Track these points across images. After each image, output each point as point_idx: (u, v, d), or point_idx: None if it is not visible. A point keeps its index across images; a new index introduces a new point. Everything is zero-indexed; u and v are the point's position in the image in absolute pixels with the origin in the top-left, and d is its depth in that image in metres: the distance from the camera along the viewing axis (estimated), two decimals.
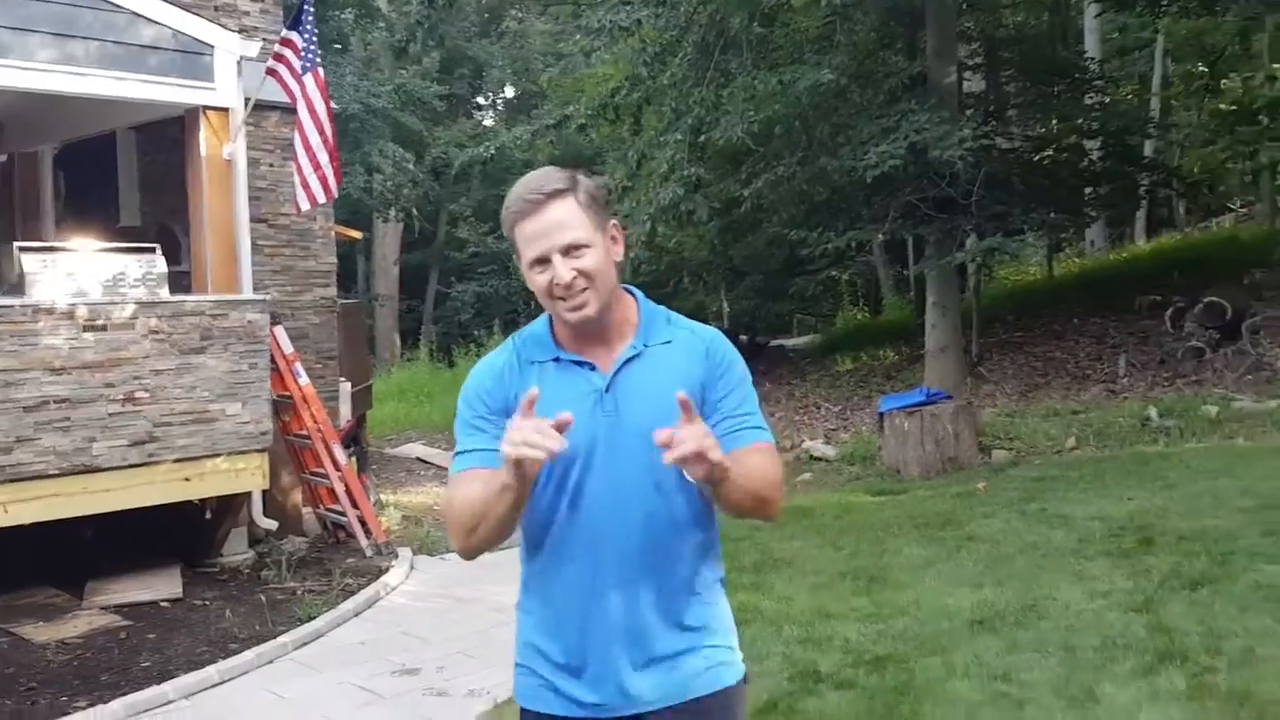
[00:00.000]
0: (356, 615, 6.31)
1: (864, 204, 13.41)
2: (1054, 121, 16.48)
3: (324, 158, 7.04)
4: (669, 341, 2.08)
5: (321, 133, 7.02)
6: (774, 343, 22.04)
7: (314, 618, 6.16)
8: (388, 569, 7.30)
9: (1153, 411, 10.05)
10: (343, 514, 8.02)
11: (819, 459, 10.83)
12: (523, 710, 2.11)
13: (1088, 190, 16.21)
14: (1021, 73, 16.27)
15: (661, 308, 2.15)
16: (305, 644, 5.79)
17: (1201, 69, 24.15)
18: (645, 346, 2.06)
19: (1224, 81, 24.35)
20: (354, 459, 9.08)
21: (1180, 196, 19.80)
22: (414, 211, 25.63)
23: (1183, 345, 12.64)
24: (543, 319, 2.12)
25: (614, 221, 2.08)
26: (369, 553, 7.79)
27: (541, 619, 2.08)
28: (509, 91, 34.64)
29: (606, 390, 2.02)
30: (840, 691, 4.48)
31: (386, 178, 22.22)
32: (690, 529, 2.03)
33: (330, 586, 6.88)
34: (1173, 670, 4.39)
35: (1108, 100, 17.36)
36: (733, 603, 2.18)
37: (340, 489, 7.96)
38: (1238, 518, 6.54)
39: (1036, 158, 15.72)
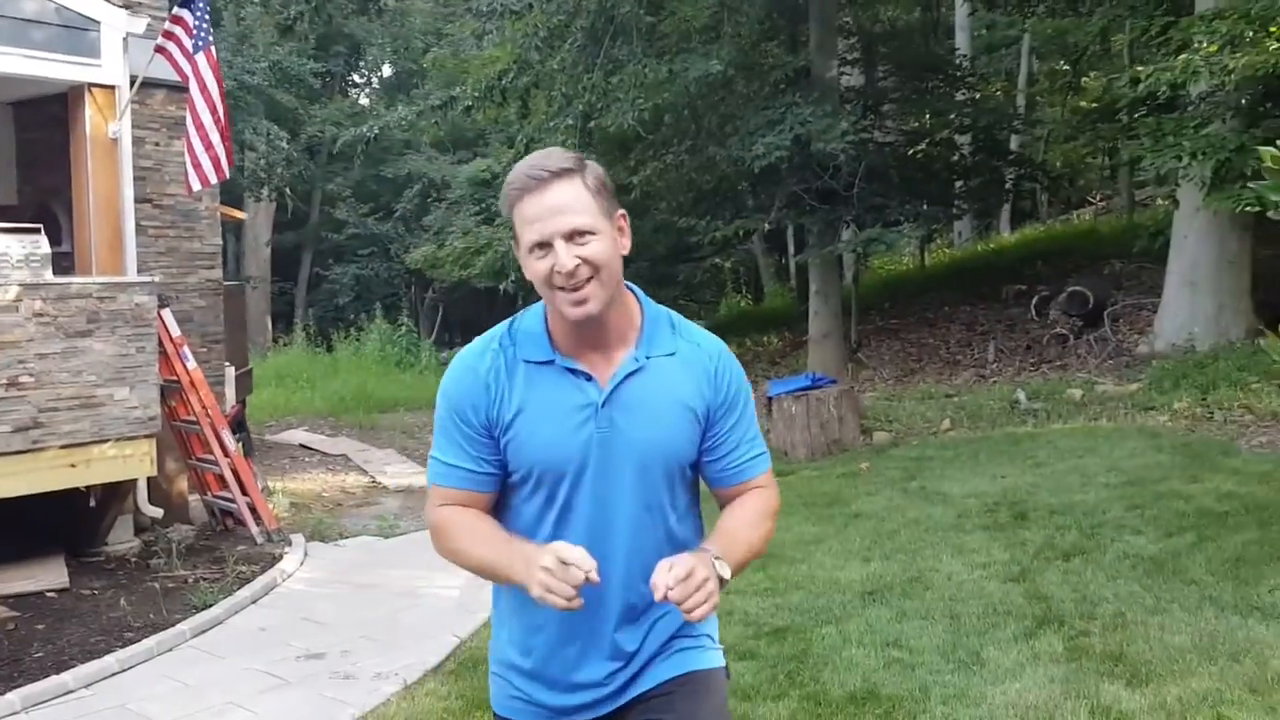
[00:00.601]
0: (254, 602, 6.23)
1: (750, 193, 13.74)
2: (927, 116, 17.07)
3: (216, 137, 6.90)
4: (672, 354, 1.95)
5: (214, 112, 6.87)
6: None
7: (210, 605, 6.06)
8: (281, 556, 7.21)
9: (1021, 394, 10.58)
10: (232, 501, 7.88)
11: None
12: (497, 716, 2.09)
13: (959, 183, 16.87)
14: (897, 68, 16.83)
15: (665, 310, 2.01)
16: (204, 631, 5.71)
17: (1065, 67, 25.28)
18: (647, 359, 1.93)
19: (1084, 80, 25.56)
20: (240, 445, 8.91)
21: (1044, 190, 20.72)
22: (287, 191, 25.03)
23: (1048, 332, 13.31)
24: (537, 312, 1.97)
25: (621, 211, 1.92)
26: (260, 540, 7.67)
27: (516, 628, 2.02)
28: (386, 70, 34.08)
29: (603, 405, 1.90)
30: (744, 662, 4.65)
31: (260, 156, 21.67)
32: (673, 548, 1.91)
33: (224, 574, 6.77)
34: (1051, 634, 4.71)
35: (978, 96, 18.09)
36: None
37: (229, 475, 7.81)
38: (1104, 493, 6.97)
39: (911, 151, 16.29)
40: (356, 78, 34.77)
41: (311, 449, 12.46)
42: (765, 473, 2.04)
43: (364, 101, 33.39)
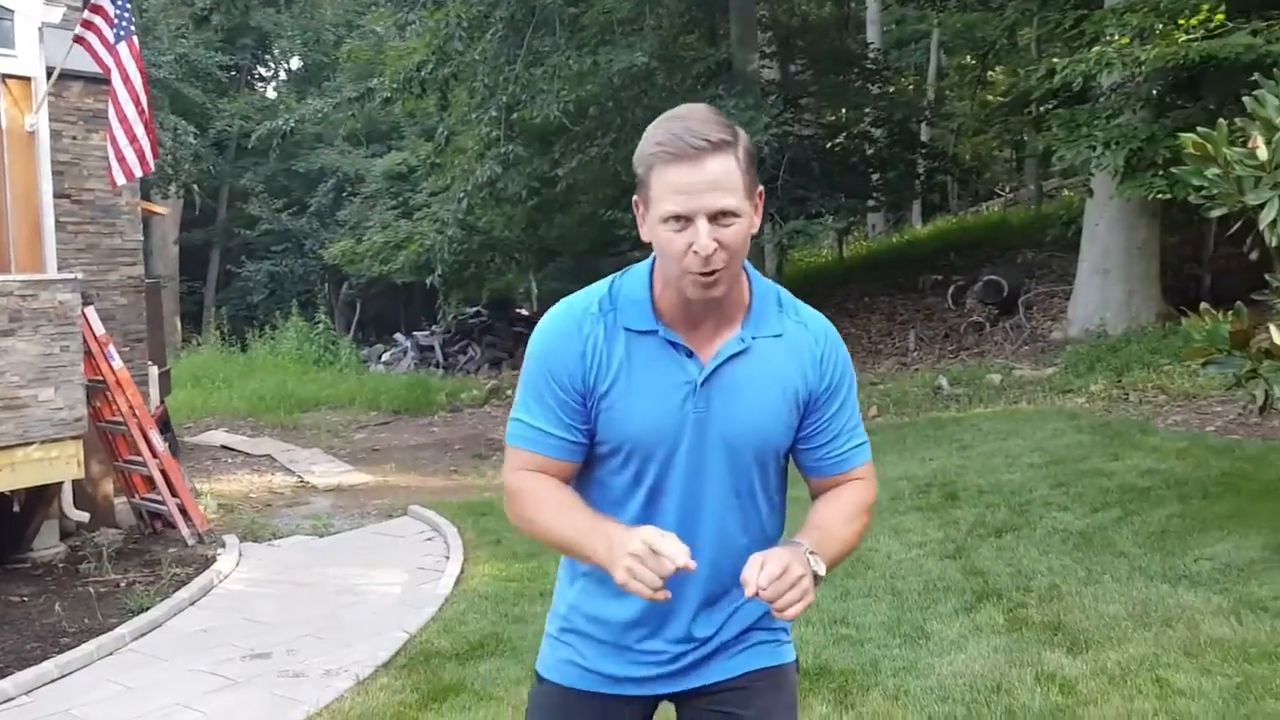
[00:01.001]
0: (193, 604, 6.11)
1: None
2: (844, 111, 17.39)
3: (140, 130, 6.73)
4: (779, 335, 1.85)
5: (137, 104, 6.70)
6: None
7: (147, 608, 5.93)
8: (215, 557, 7.07)
9: (943, 381, 10.85)
10: (161, 503, 7.70)
11: None
12: (544, 682, 2.00)
13: (875, 176, 17.22)
14: (813, 62, 17.11)
15: (774, 287, 1.91)
16: (144, 634, 5.58)
17: (973, 61, 25.90)
18: (753, 339, 1.83)
19: (992, 74, 26.21)
20: (167, 445, 8.71)
21: (956, 182, 21.23)
22: (195, 188, 24.46)
23: (965, 320, 13.68)
24: (641, 276, 1.85)
25: (760, 188, 1.80)
26: (191, 542, 7.52)
27: (587, 599, 1.94)
28: (295, 63, 33.50)
29: (702, 384, 1.80)
30: None
31: (167, 152, 21.11)
32: (760, 536, 1.89)
33: (157, 577, 6.62)
34: (990, 607, 4.86)
35: (891, 90, 18.48)
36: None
37: (159, 476, 7.64)
38: (1029, 473, 7.20)
39: (829, 145, 16.58)
40: (264, 70, 34.12)
41: (234, 450, 12.22)
42: (866, 464, 1.95)
43: (271, 94, 32.78)
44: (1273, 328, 4.52)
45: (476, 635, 5.24)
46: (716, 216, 1.67)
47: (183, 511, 7.65)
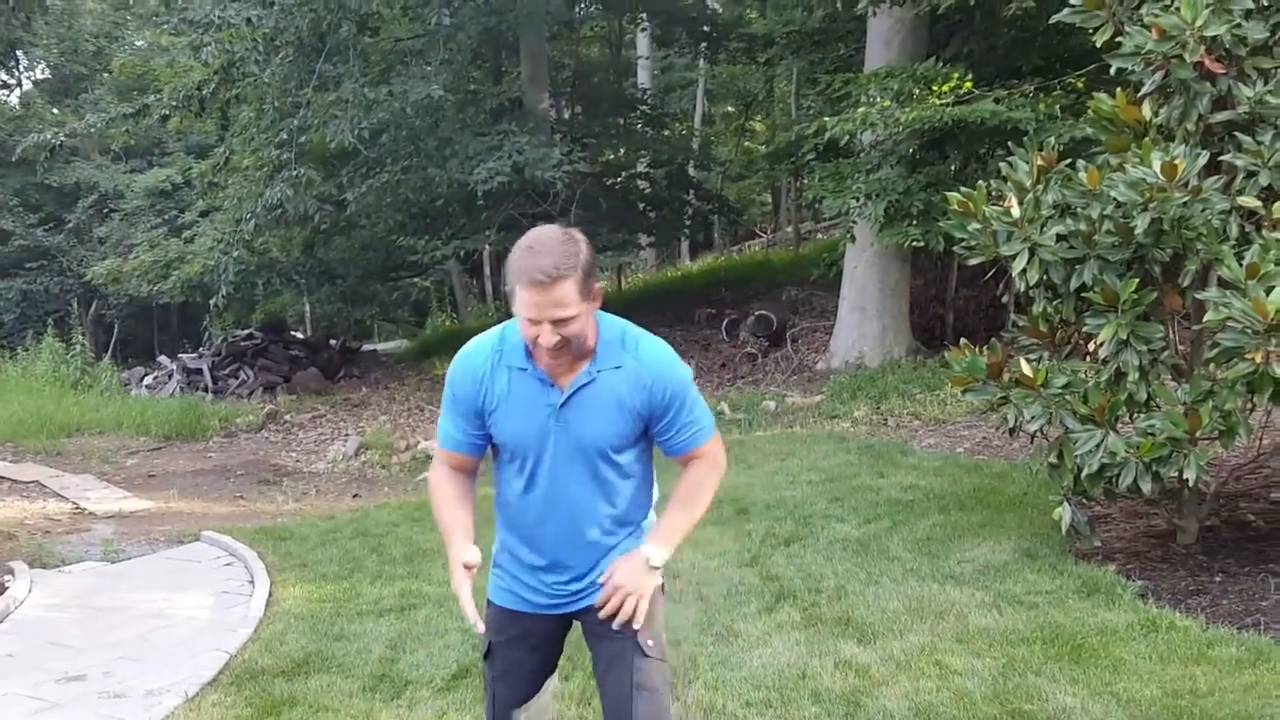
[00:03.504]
0: None
1: (465, 215, 14.05)
2: (622, 151, 18.13)
3: None
4: (619, 367, 2.62)
5: None
6: (366, 347, 21.99)
7: None
8: (3, 584, 6.76)
9: (725, 406, 11.58)
10: None
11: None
12: (491, 604, 2.86)
13: (652, 213, 18.02)
14: (593, 103, 17.78)
15: (619, 326, 2.67)
16: None
17: (734, 111, 27.48)
18: (598, 372, 2.61)
19: (752, 124, 27.86)
20: None
21: (726, 221, 22.42)
22: None
23: (739, 351, 14.55)
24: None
25: (598, 285, 2.57)
26: None
27: (510, 538, 2.83)
28: (40, 72, 31.43)
29: (560, 407, 2.61)
30: None
31: None
32: (607, 515, 2.75)
33: None
34: (788, 606, 5.40)
35: (666, 133, 19.41)
36: (396, 590, 3.34)
37: None
38: (808, 489, 7.89)
39: (609, 182, 17.25)
40: (6, 78, 31.81)
41: None
42: (705, 444, 2.77)
43: (13, 102, 30.60)
44: (1022, 360, 5.31)
45: (300, 653, 5.32)
46: (558, 322, 2.45)
47: None
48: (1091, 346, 5.43)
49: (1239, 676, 4.02)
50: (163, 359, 20.56)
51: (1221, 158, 5.21)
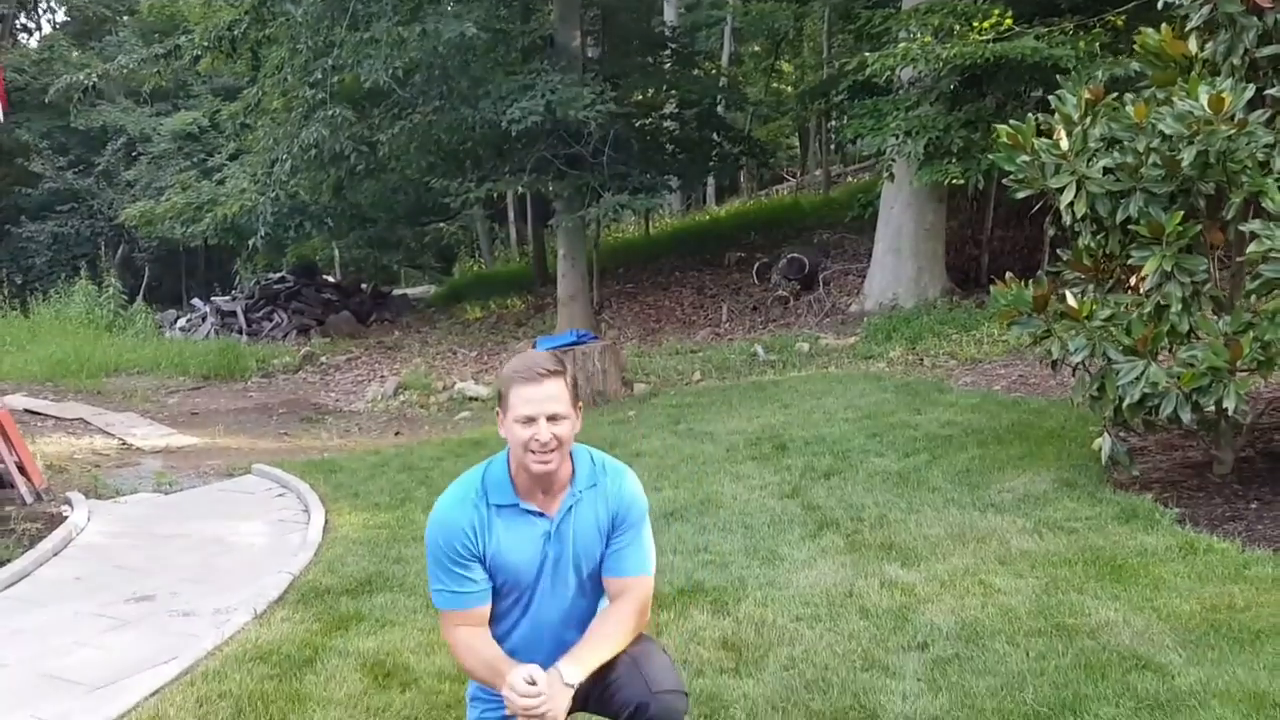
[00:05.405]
0: (56, 555, 6.06)
1: (496, 156, 14.08)
2: (662, 89, 17.99)
3: None
4: (594, 485, 2.80)
5: None
6: (397, 292, 22.17)
7: (6, 561, 5.88)
8: (61, 514, 6.99)
9: (759, 349, 11.68)
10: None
11: (473, 398, 11.45)
12: None
13: (681, 155, 17.97)
14: (624, 41, 17.66)
15: (585, 451, 2.84)
16: (13, 583, 5.55)
17: (760, 51, 27.23)
18: (581, 493, 2.78)
19: (781, 64, 27.62)
20: None
21: (759, 163, 22.34)
22: None
23: (770, 295, 14.63)
24: (501, 463, 2.78)
25: (580, 403, 2.79)
26: (29, 500, 7.34)
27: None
28: (61, 15, 31.54)
29: (554, 532, 2.77)
30: None
31: None
32: (595, 610, 2.87)
33: (9, 531, 6.50)
34: (831, 533, 5.54)
35: (696, 72, 19.29)
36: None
37: None
38: (846, 426, 8.01)
39: (639, 124, 17.20)
40: (26, 20, 31.93)
41: (41, 414, 11.71)
42: (643, 574, 2.83)
43: (33, 45, 30.69)
44: (1067, 293, 5.38)
45: (361, 574, 5.50)
46: (553, 418, 2.63)
47: (20, 469, 7.48)
48: (1134, 280, 5.50)
49: (1275, 594, 4.13)
50: (196, 302, 20.84)
51: (1267, 92, 5.24)
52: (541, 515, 2.75)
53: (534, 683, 2.58)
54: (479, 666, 2.74)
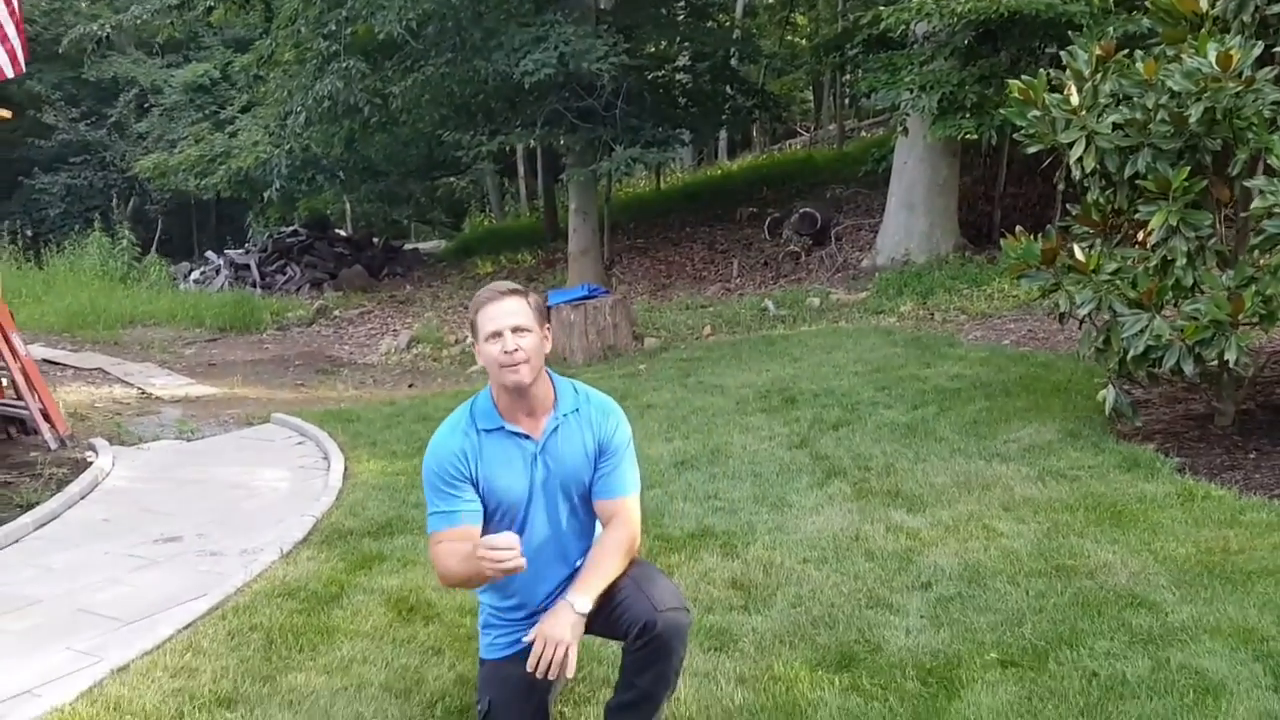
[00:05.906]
0: (84, 498, 6.25)
1: (509, 109, 14.09)
2: (677, 42, 17.85)
3: (11, 29, 6.61)
4: (577, 410, 2.96)
5: (7, 2, 6.58)
6: (408, 247, 22.24)
7: (35, 504, 6.06)
8: (86, 459, 7.17)
9: (769, 304, 11.77)
10: (20, 407, 7.67)
11: None
12: (487, 662, 3.07)
13: (694, 109, 17.91)
14: None
15: (568, 381, 3.02)
16: (45, 524, 5.74)
17: (776, 2, 26.99)
18: (563, 416, 2.94)
19: (795, 17, 27.41)
20: None
21: (770, 118, 22.23)
22: None
23: (782, 250, 14.68)
24: (485, 394, 2.95)
25: (548, 326, 2.94)
26: (54, 445, 7.54)
27: (500, 599, 3.05)
28: None
29: (540, 451, 2.92)
30: None
31: None
32: (587, 536, 3.04)
33: (37, 476, 6.69)
34: (838, 481, 5.68)
35: (710, 24, 19.16)
36: None
37: (21, 380, 7.59)
38: (855, 379, 8.12)
39: (651, 76, 17.14)
40: None
41: (60, 364, 11.91)
42: (630, 494, 2.99)
43: None
44: (1075, 247, 5.47)
45: (382, 517, 5.68)
46: (516, 329, 2.80)
47: (45, 416, 7.65)
48: (1141, 235, 5.58)
49: (1269, 538, 4.26)
50: (210, 255, 20.96)
51: (1276, 49, 5.28)
52: (527, 437, 2.90)
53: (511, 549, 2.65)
54: (457, 565, 2.77)
